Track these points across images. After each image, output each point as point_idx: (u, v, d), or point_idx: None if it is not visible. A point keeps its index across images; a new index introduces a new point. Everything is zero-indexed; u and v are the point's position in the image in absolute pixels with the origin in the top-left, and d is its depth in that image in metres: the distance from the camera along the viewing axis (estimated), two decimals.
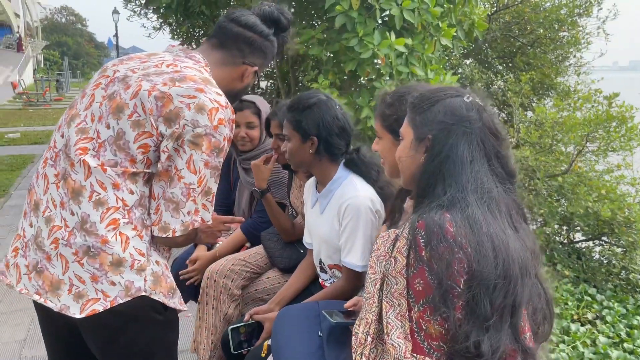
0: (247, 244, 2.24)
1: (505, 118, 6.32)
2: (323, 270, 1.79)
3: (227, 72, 1.37)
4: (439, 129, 1.06)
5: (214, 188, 1.25)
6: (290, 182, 2.24)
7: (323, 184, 1.73)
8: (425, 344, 0.94)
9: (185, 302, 2.28)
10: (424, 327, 0.95)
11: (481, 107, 1.08)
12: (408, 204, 1.37)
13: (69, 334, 1.30)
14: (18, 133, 11.23)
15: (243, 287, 2.01)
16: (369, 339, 1.03)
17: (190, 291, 2.17)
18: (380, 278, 1.05)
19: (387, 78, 4.78)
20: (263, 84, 9.33)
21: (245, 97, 2.21)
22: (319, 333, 1.43)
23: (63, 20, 62.90)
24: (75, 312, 1.17)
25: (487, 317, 0.92)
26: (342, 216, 1.63)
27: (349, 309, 1.43)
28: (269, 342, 1.52)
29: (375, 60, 4.66)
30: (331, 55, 4.81)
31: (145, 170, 1.21)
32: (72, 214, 1.18)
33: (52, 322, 1.33)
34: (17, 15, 47.16)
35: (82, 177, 1.18)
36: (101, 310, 1.17)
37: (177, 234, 1.22)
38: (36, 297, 1.21)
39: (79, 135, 1.22)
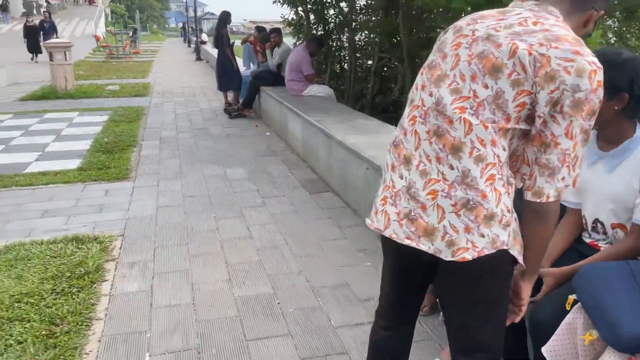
0: None
1: None
2: (596, 230, 1.82)
3: (574, 22, 1.33)
4: None
5: (582, 153, 1.25)
6: None
7: (614, 142, 1.72)
8: None
9: None
10: None
11: None
12: None
13: (418, 272, 1.45)
14: (117, 85, 11.70)
15: None
16: None
17: None
18: None
19: None
20: None
21: None
22: None
23: None
24: (447, 255, 1.27)
25: None
26: None
27: None
28: (573, 296, 1.58)
29: None
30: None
31: (515, 127, 1.24)
32: (452, 168, 1.25)
33: (403, 260, 1.45)
34: None
35: (462, 133, 1.23)
36: (469, 258, 1.25)
37: (550, 200, 1.25)
38: (407, 242, 1.31)
39: (453, 95, 1.26)
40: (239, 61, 8.98)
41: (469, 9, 4.51)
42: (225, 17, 8.55)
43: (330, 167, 4.55)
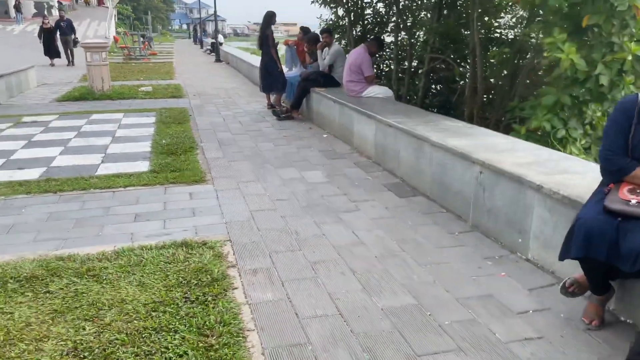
0: None
1: None
2: None
3: None
4: None
5: None
6: None
7: None
8: None
9: None
10: None
11: None
12: None
13: None
14: (149, 87, 11.58)
15: None
16: None
17: None
18: None
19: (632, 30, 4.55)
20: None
21: None
22: None
23: None
24: None
25: None
26: None
27: None
28: None
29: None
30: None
31: None
32: None
33: None
34: None
35: None
36: None
37: None
38: None
39: None
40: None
41: (565, 5, 4.41)
42: (270, 17, 8.38)
43: (420, 170, 4.41)
